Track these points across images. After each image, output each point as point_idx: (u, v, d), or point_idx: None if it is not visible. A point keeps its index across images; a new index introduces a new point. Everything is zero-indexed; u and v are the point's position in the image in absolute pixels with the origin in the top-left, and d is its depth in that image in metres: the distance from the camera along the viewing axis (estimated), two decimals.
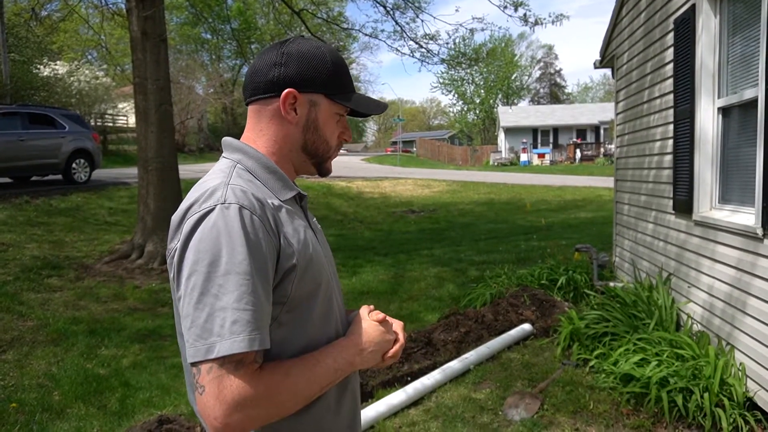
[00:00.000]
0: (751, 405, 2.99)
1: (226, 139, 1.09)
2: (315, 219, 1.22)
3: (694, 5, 3.75)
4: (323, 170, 1.15)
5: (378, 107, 1.14)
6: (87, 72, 22.87)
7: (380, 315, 1.10)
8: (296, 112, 1.05)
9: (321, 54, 1.06)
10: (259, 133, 1.08)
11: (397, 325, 1.14)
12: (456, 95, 53.38)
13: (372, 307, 1.14)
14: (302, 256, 0.98)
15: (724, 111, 3.61)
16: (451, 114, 59.77)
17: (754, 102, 3.05)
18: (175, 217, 0.96)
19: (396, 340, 1.11)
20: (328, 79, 1.06)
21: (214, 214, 0.90)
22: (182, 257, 0.91)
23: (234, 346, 0.85)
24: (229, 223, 0.90)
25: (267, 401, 0.89)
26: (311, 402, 1.00)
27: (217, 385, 0.85)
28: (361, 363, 1.05)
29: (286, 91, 1.03)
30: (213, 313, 0.86)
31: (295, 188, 1.07)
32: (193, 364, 0.87)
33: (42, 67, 19.31)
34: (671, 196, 4.24)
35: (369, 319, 1.09)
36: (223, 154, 1.09)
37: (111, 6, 10.79)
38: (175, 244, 0.93)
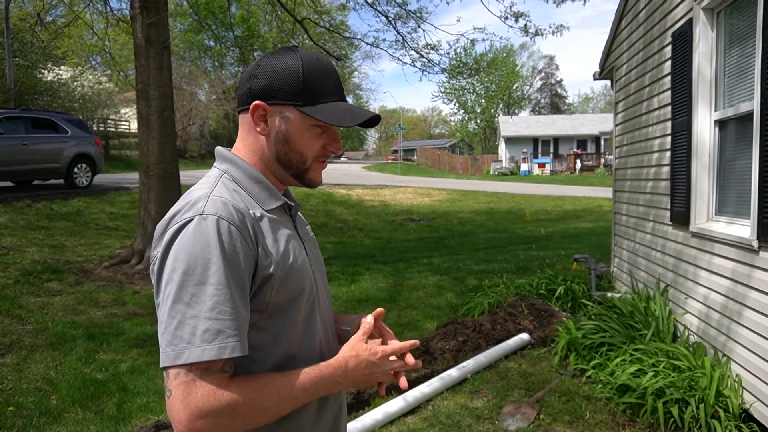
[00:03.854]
0: (747, 417, 2.99)
1: (218, 149, 1.13)
2: (309, 227, 1.24)
3: (691, 19, 3.80)
4: (305, 181, 1.12)
5: (352, 119, 1.07)
6: (90, 77, 23.00)
7: (377, 348, 1.05)
8: (266, 124, 1.06)
9: (293, 66, 1.05)
10: (242, 143, 1.11)
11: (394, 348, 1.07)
12: (457, 104, 53.64)
13: (370, 324, 1.09)
14: (280, 266, 1.00)
15: (721, 124, 3.64)
16: (452, 123, 59.99)
17: (749, 115, 3.09)
18: (159, 226, 0.99)
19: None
20: (299, 90, 1.04)
21: (192, 225, 0.94)
22: (161, 266, 0.95)
23: (204, 354, 0.88)
24: (206, 234, 0.92)
25: (231, 413, 0.90)
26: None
27: (183, 390, 0.88)
28: (347, 384, 1.04)
29: (253, 103, 1.05)
30: (184, 321, 0.89)
31: (281, 198, 1.09)
32: (163, 369, 0.90)
33: (46, 71, 19.42)
34: (669, 207, 4.27)
35: (362, 342, 1.05)
36: (214, 164, 1.12)
37: (116, 12, 10.90)
38: (156, 253, 0.97)
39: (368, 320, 1.09)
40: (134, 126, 20.04)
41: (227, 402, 0.89)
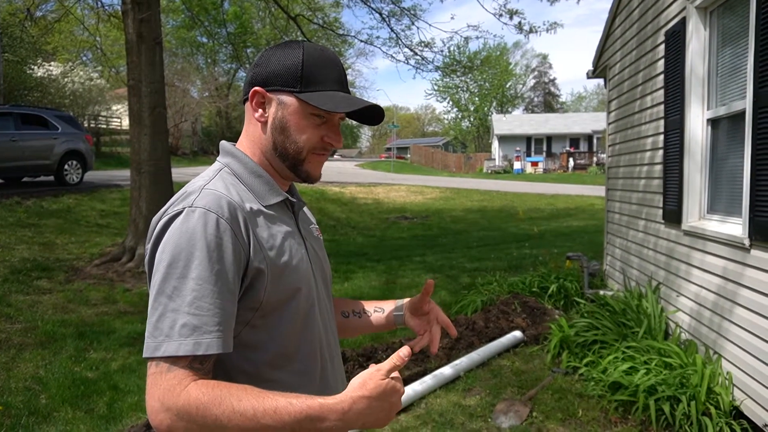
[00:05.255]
0: (737, 414, 3.01)
1: (222, 143, 1.12)
2: (314, 226, 1.22)
3: (684, 18, 3.81)
4: (301, 174, 1.07)
5: (350, 105, 1.03)
6: (81, 73, 22.77)
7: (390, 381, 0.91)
8: (264, 110, 1.05)
9: (294, 54, 1.03)
10: (245, 134, 1.10)
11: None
12: (450, 102, 53.60)
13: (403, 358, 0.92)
14: (273, 263, 0.98)
15: (713, 122, 3.66)
16: (446, 121, 60.02)
17: (742, 114, 3.10)
18: (154, 219, 0.98)
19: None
20: (297, 77, 1.02)
21: (180, 218, 0.93)
22: (151, 258, 0.95)
23: (180, 348, 0.86)
24: (191, 227, 0.91)
25: (186, 416, 0.84)
26: None
27: (152, 381, 0.87)
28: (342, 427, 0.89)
29: (252, 89, 1.04)
30: (165, 313, 0.89)
31: (282, 193, 1.07)
32: (145, 359, 0.89)
33: (36, 67, 19.24)
34: (661, 205, 4.28)
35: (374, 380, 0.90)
36: (217, 157, 1.11)
37: (107, 8, 10.80)
38: (149, 246, 0.97)
39: (404, 354, 0.91)
40: (126, 123, 19.89)
41: (182, 403, 0.84)
